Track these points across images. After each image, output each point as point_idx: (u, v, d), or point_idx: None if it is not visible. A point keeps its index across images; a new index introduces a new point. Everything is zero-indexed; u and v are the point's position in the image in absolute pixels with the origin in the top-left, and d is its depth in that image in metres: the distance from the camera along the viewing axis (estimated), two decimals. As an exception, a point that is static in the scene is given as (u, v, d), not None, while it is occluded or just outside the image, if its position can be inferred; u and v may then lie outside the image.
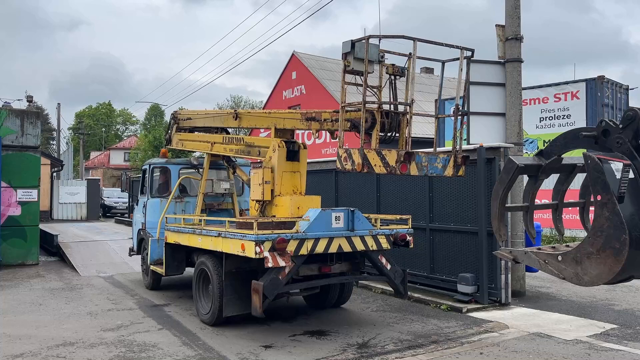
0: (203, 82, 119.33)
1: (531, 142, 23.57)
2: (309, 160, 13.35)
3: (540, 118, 22.90)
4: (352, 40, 6.07)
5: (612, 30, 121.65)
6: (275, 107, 31.90)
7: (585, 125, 22.04)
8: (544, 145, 23.31)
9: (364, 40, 6.01)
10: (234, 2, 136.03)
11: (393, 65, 6.47)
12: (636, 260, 3.36)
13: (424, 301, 9.12)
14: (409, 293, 9.39)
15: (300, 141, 8.35)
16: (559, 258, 3.72)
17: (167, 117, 13.17)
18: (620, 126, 3.60)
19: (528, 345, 6.66)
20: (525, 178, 4.58)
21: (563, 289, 10.44)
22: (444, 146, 23.63)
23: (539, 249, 4.11)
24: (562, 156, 4.10)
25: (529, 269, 9.83)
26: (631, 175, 3.45)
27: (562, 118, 22.50)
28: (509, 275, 8.87)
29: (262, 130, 23.54)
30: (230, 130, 10.41)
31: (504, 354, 6.34)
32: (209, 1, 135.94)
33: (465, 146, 9.79)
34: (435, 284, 9.70)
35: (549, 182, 4.93)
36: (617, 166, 3.35)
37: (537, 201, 5.08)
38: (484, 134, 10.14)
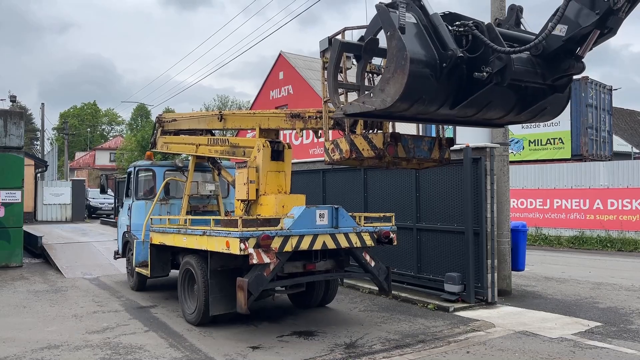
0: (191, 82, 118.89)
1: (517, 142, 23.79)
2: (296, 161, 13.38)
3: (525, 118, 23.09)
4: (328, 37, 6.07)
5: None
6: (262, 107, 31.82)
7: (570, 127, 22.27)
8: (529, 145, 23.66)
9: (339, 35, 5.99)
10: (225, 8, 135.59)
11: (370, 62, 6.48)
12: (422, 85, 4.41)
13: (411, 300, 9.16)
14: (396, 293, 9.46)
15: (285, 141, 8.39)
16: (371, 95, 4.74)
17: (154, 117, 13.19)
18: None
19: (514, 344, 6.72)
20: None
21: (548, 288, 10.55)
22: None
23: (358, 98, 5.17)
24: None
25: (515, 268, 9.92)
26: (414, 20, 4.55)
27: (547, 118, 22.71)
28: (495, 275, 8.94)
29: (249, 132, 23.48)
30: (216, 132, 10.41)
31: (491, 352, 6.39)
32: (201, 7, 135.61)
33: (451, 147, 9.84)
34: (423, 283, 9.74)
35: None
36: (397, 11, 4.40)
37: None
38: (470, 134, 10.21)
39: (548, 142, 22.96)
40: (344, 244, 7.21)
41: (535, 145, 23.43)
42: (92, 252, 15.18)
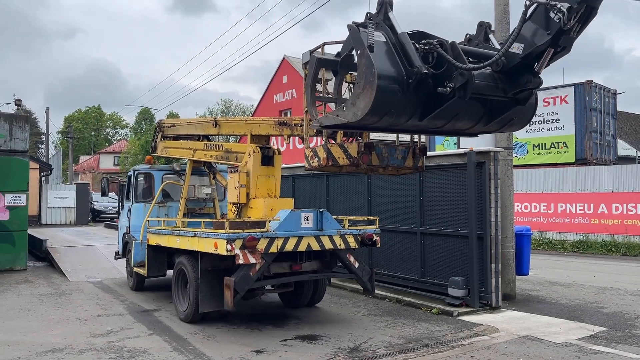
0: (195, 86, 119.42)
1: (521, 146, 23.74)
2: (300, 164, 13.39)
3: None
4: (309, 50, 6.26)
5: (596, 39, 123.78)
6: (266, 111, 31.89)
7: (574, 130, 22.22)
8: (533, 149, 23.69)
9: (319, 49, 6.18)
10: (230, 14, 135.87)
11: (351, 73, 6.61)
12: (390, 99, 4.67)
13: (415, 305, 9.14)
14: (400, 297, 9.47)
15: (275, 147, 8.71)
16: (344, 108, 5.03)
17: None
18: (376, 11, 5.11)
19: (518, 349, 6.69)
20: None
21: (553, 292, 10.51)
22: (434, 150, 23.73)
23: (332, 111, 5.47)
24: None
25: (519, 273, 9.89)
26: (383, 39, 4.84)
27: (551, 122, 22.68)
28: (500, 279, 8.91)
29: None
30: (218, 137, 10.73)
31: (495, 357, 6.37)
32: (206, 13, 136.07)
33: (455, 150, 9.87)
34: (427, 287, 9.72)
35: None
36: (367, 31, 4.65)
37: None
38: (474, 138, 10.19)
39: (552, 146, 22.91)
40: (328, 245, 7.48)
41: (539, 149, 23.38)
42: (96, 255, 15.22)
